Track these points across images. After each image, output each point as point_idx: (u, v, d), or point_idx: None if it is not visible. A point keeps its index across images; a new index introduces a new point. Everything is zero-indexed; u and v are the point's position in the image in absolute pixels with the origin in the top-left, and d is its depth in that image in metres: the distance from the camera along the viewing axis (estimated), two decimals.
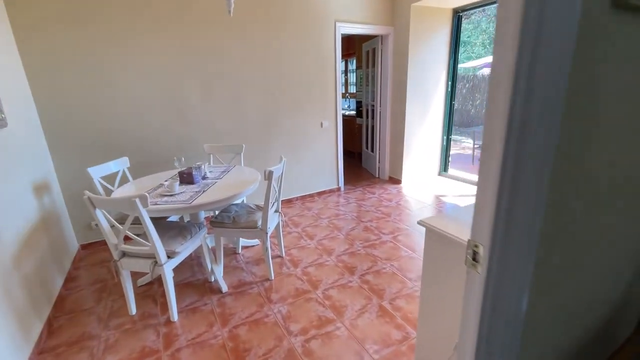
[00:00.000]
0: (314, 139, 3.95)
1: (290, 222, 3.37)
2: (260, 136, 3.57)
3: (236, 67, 3.25)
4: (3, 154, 1.88)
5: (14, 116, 2.09)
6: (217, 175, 2.50)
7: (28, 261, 1.91)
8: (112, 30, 2.66)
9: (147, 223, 1.70)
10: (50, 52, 2.50)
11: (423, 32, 4.05)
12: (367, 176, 5.00)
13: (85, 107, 2.70)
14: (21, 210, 1.97)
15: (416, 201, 3.85)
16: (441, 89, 4.47)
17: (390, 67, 4.30)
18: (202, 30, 3.01)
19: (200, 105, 3.17)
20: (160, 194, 2.08)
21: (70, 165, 2.73)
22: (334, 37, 3.76)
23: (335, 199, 4.04)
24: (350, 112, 6.57)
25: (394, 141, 4.55)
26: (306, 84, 3.71)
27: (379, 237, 2.95)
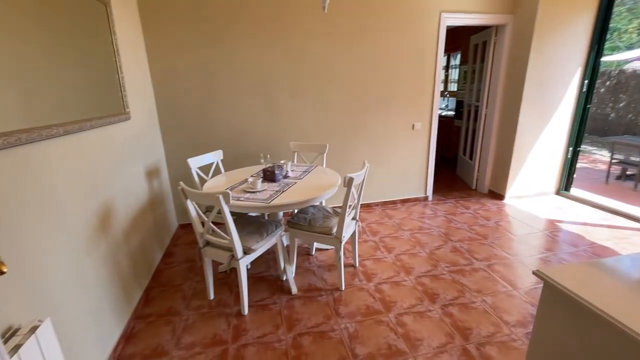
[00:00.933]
0: (402, 141, 3.64)
1: (367, 229, 3.18)
2: (345, 136, 3.45)
3: (325, 65, 3.19)
4: (126, 142, 2.19)
5: (138, 111, 2.42)
6: (298, 174, 2.48)
7: (135, 236, 2.20)
8: (216, 38, 2.87)
9: (227, 218, 1.75)
10: (168, 58, 2.83)
11: (555, 19, 3.30)
12: (462, 186, 4.43)
13: (192, 105, 3.00)
14: (135, 192, 2.28)
15: (522, 224, 3.20)
16: (573, 88, 3.60)
17: (504, 63, 3.66)
18: (295, 30, 3.02)
19: (289, 104, 3.21)
20: (244, 189, 2.15)
21: (177, 153, 3.08)
22: (437, 30, 3.36)
23: (421, 209, 3.67)
24: (448, 112, 5.94)
25: (500, 149, 3.89)
26: (399, 82, 3.42)
27: (469, 263, 2.53)
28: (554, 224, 3.17)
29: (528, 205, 3.67)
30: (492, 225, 3.19)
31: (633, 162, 4.83)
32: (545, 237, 2.91)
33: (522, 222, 3.24)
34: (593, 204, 3.60)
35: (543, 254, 2.63)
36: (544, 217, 3.34)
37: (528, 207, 3.62)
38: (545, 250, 2.69)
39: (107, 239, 1.78)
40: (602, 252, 2.63)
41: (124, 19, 2.30)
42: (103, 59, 1.91)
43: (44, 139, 1.28)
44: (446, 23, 3.36)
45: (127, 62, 2.29)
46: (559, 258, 2.55)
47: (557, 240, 2.84)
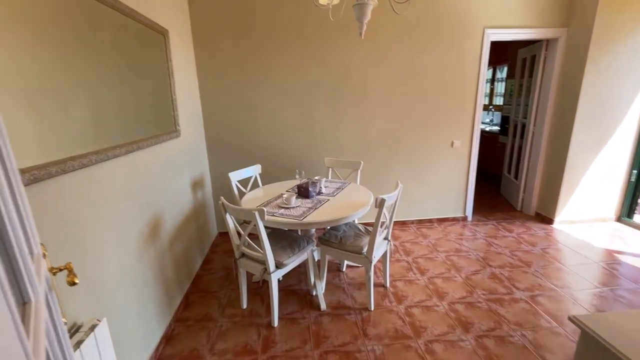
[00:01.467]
0: (440, 159, 3.55)
1: (400, 247, 3.12)
2: (381, 153, 3.45)
3: (365, 83, 3.23)
4: (176, 157, 2.40)
5: (186, 128, 2.65)
6: (332, 191, 2.53)
7: (180, 243, 2.39)
8: (258, 59, 3.06)
9: (262, 234, 1.85)
10: (215, 79, 3.07)
11: (615, 30, 3.05)
12: (505, 207, 4.18)
13: (234, 121, 3.21)
14: (181, 202, 2.48)
15: (574, 253, 2.94)
16: (637, 105, 3.27)
17: (555, 79, 3.44)
18: (334, 50, 3.11)
19: (326, 121, 3.30)
20: (278, 204, 2.24)
21: (219, 166, 3.30)
22: (480, 46, 3.27)
23: (459, 229, 3.53)
24: (493, 127, 5.66)
25: (549, 169, 3.63)
26: (438, 99, 3.36)
27: (509, 292, 2.38)
28: (613, 255, 2.87)
29: (581, 232, 3.37)
30: (538, 252, 2.97)
31: None
32: (601, 270, 2.64)
33: (573, 251, 2.98)
34: None
35: (597, 288, 2.40)
36: (600, 247, 3.04)
37: (581, 234, 3.31)
38: (599, 284, 2.44)
39: (155, 245, 1.96)
40: None
41: (178, 45, 2.55)
42: (159, 83, 2.14)
43: (109, 159, 1.48)
44: (490, 39, 3.26)
45: (180, 84, 2.53)
46: (615, 295, 2.31)
47: (614, 274, 2.57)
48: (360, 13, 1.80)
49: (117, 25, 1.61)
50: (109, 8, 1.52)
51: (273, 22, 3.01)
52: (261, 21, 2.99)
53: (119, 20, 1.63)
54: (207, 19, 2.94)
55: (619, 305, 2.19)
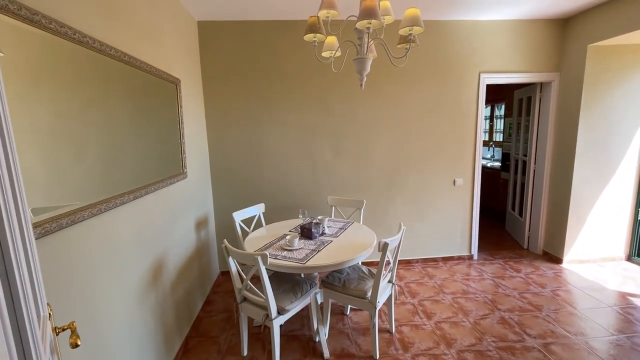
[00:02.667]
0: (443, 198, 3.56)
1: (406, 288, 3.05)
2: (383, 192, 3.48)
3: (368, 125, 3.35)
4: (182, 199, 2.45)
5: (194, 169, 2.73)
6: (335, 232, 2.53)
7: (181, 286, 2.36)
8: (263, 102, 3.21)
9: (264, 279, 1.83)
10: (223, 121, 3.21)
11: (606, 77, 3.18)
12: (511, 245, 4.11)
13: (239, 162, 3.30)
14: (185, 243, 2.48)
15: (586, 295, 2.85)
16: (636, 145, 3.33)
17: (552, 119, 3.54)
18: (337, 93, 3.26)
19: (330, 161, 3.38)
20: (281, 246, 2.24)
21: (224, 205, 3.33)
22: (477, 90, 3.41)
23: (465, 269, 3.45)
24: (494, 163, 5.72)
25: (554, 207, 3.61)
26: (439, 138, 3.45)
27: (520, 339, 2.28)
28: (627, 298, 2.78)
29: (592, 272, 3.28)
30: (548, 294, 2.88)
31: None
32: (616, 315, 2.54)
33: (584, 293, 2.88)
34: None
35: (613, 335, 2.29)
36: (612, 289, 2.94)
37: (592, 275, 3.23)
38: (616, 331, 2.34)
39: (156, 290, 1.95)
40: None
41: (188, 92, 2.69)
42: (170, 128, 2.24)
43: (117, 206, 1.52)
44: (486, 82, 3.40)
45: (189, 128, 2.64)
46: (633, 344, 2.20)
47: (630, 320, 2.47)
48: (360, 67, 1.91)
49: (132, 77, 1.73)
50: (125, 65, 1.64)
51: (279, 69, 3.18)
52: (268, 70, 3.18)
53: (134, 73, 1.75)
54: (217, 66, 3.12)
55: (637, 355, 2.08)
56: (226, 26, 3.08)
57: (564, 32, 3.38)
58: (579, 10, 3.14)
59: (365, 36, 1.82)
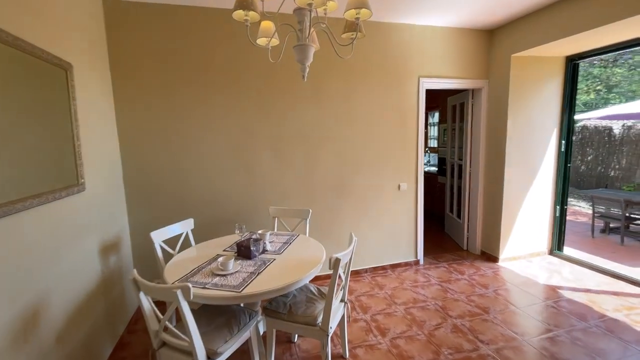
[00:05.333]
0: (389, 203, 3.48)
1: (357, 303, 2.84)
2: (329, 199, 3.26)
3: (310, 127, 3.11)
4: (77, 218, 1.88)
5: (96, 180, 2.16)
6: (278, 247, 2.20)
7: (76, 333, 1.79)
8: (191, 100, 2.78)
9: (186, 318, 1.42)
10: (140, 120, 2.67)
11: (527, 85, 3.44)
12: (452, 246, 4.22)
13: (164, 169, 2.78)
14: (82, 275, 1.91)
15: (523, 292, 2.95)
16: (552, 148, 3.66)
17: (483, 124, 3.72)
18: (276, 92, 2.97)
19: (269, 165, 3.05)
20: (212, 271, 1.83)
21: (143, 223, 2.76)
22: (417, 94, 3.42)
23: (413, 275, 3.39)
24: (431, 168, 5.97)
25: (489, 208, 3.78)
26: (382, 144, 3.37)
27: (475, 347, 2.20)
28: (556, 292, 2.94)
29: (524, 268, 3.47)
30: (491, 294, 2.93)
31: (614, 216, 4.84)
32: (550, 310, 2.65)
33: (521, 290, 2.99)
34: (590, 265, 3.44)
35: (552, 331, 2.36)
36: (543, 283, 3.12)
37: (524, 271, 3.41)
38: (554, 326, 2.41)
39: (31, 346, 1.39)
40: (616, 327, 2.38)
41: (88, 83, 2.14)
42: (57, 128, 1.70)
43: None
44: (425, 87, 3.44)
45: (89, 129, 2.08)
46: (571, 337, 2.28)
47: (563, 313, 2.59)
48: (301, 55, 1.66)
49: None
50: None
51: (208, 61, 2.78)
52: (195, 59, 2.75)
53: None
54: (130, 56, 2.60)
55: (578, 350, 2.14)
56: (142, 8, 2.59)
57: (491, 41, 3.59)
58: (502, 22, 3.35)
59: (307, 18, 1.56)
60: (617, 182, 8.36)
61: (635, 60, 9.07)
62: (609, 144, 8.61)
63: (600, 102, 9.58)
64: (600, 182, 8.54)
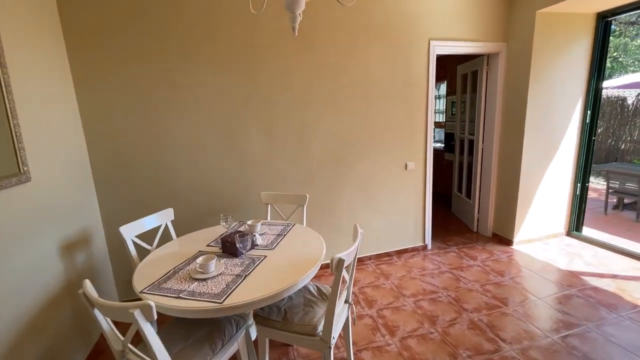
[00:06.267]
0: (395, 184, 3.15)
1: (361, 296, 2.57)
2: (329, 183, 2.92)
3: (303, 97, 2.71)
4: (24, 213, 1.55)
5: (49, 167, 1.81)
6: (270, 241, 1.89)
7: (29, 350, 1.50)
8: (169, 70, 2.37)
9: (150, 343, 1.12)
10: (107, 100, 2.28)
11: (552, 47, 3.01)
12: (461, 228, 3.94)
13: (138, 153, 2.42)
14: (36, 283, 1.61)
15: (543, 280, 2.69)
16: (576, 119, 3.28)
17: (499, 94, 3.32)
18: (266, 63, 2.56)
19: (261, 148, 2.68)
20: (190, 274, 1.53)
21: (118, 213, 2.44)
22: (427, 60, 3.00)
23: (421, 262, 3.11)
24: (436, 144, 5.59)
25: (503, 188, 3.46)
26: (387, 119, 2.99)
27: (497, 347, 1.95)
28: (580, 279, 2.68)
29: (541, 252, 3.19)
30: (509, 282, 2.66)
31: (630, 191, 4.54)
32: (576, 300, 2.39)
33: (541, 277, 2.73)
34: (612, 247, 3.16)
35: (581, 326, 2.10)
36: (564, 269, 2.85)
37: (542, 255, 3.13)
38: (583, 320, 2.15)
39: None
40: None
41: (25, 44, 1.74)
42: None
43: None
44: (436, 52, 3.01)
45: (32, 105, 1.70)
46: (605, 333, 2.02)
47: (593, 305, 2.32)
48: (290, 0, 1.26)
49: None
50: None
51: (184, 22, 2.35)
52: (170, 20, 2.32)
53: None
54: (88, 20, 2.16)
55: (613, 349, 1.89)
56: None
57: None
58: None
59: None
60: (627, 156, 8.02)
61: None
62: (621, 115, 8.19)
63: (617, 70, 9.05)
64: (610, 156, 8.19)
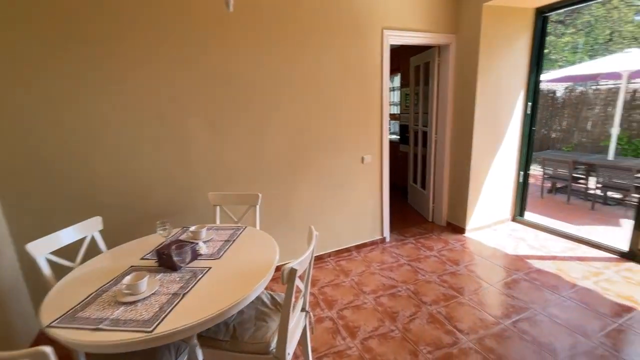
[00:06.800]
0: (352, 177, 3.07)
1: (320, 296, 2.47)
2: (284, 179, 2.75)
3: (251, 88, 2.50)
4: None
5: None
6: (217, 248, 1.68)
7: None
8: (92, 53, 2.01)
9: None
10: (10, 91, 1.87)
11: (498, 40, 3.11)
12: (417, 219, 4.01)
13: (58, 148, 2.04)
14: None
15: (494, 266, 2.80)
16: (518, 110, 3.45)
17: (451, 86, 3.37)
18: (209, 48, 2.30)
19: (206, 143, 2.43)
20: (115, 297, 1.28)
21: (34, 229, 2.05)
22: (380, 50, 2.93)
23: (380, 255, 3.09)
24: (391, 136, 5.66)
25: (455, 178, 3.56)
26: (343, 111, 2.88)
27: (455, 340, 1.95)
28: (525, 262, 2.83)
29: (490, 238, 3.35)
30: (463, 271, 2.73)
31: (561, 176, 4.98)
32: (524, 284, 2.50)
33: (492, 264, 2.84)
34: (551, 230, 3.41)
35: (530, 309, 2.20)
36: (511, 253, 3.00)
37: (491, 241, 3.28)
38: (531, 303, 2.26)
39: None
40: (589, 298, 2.29)
41: None
42: None
43: None
44: (389, 41, 2.95)
45: None
46: (549, 315, 2.13)
47: (537, 287, 2.45)
48: None
49: None
50: None
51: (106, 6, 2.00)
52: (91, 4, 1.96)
53: None
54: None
55: (558, 330, 1.99)
56: None
57: None
58: None
59: None
60: (557, 144, 8.87)
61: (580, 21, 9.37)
62: (552, 107, 9.01)
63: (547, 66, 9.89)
64: (543, 145, 9.00)
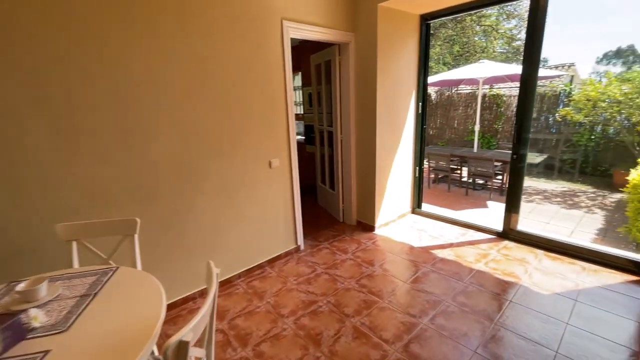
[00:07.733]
0: (260, 185, 2.72)
1: (231, 332, 2.06)
2: (174, 194, 2.21)
3: (127, 89, 1.90)
4: None
5: None
6: (65, 312, 1.12)
7: None
8: None
9: None
10: None
11: (394, 41, 3.21)
12: (328, 220, 3.92)
13: None
14: None
15: (405, 262, 2.88)
16: (412, 111, 3.68)
17: (352, 85, 3.36)
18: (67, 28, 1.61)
19: (47, 151, 1.72)
20: None
21: None
22: (281, 42, 2.66)
23: (296, 267, 2.85)
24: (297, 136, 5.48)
25: (362, 176, 3.58)
26: (245, 112, 2.51)
27: (383, 353, 1.84)
28: (430, 254, 3.00)
29: (397, 233, 3.48)
30: (379, 272, 2.71)
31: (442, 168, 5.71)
32: (433, 276, 2.62)
33: (403, 260, 2.92)
34: (442, 218, 3.76)
35: (442, 302, 2.28)
36: (417, 246, 3.16)
37: (399, 236, 3.41)
38: (443, 295, 2.35)
39: None
40: (483, 280, 2.52)
41: None
42: None
43: None
44: (289, 34, 2.71)
45: None
46: (459, 304, 2.24)
47: (445, 277, 2.59)
48: None
49: None
50: None
51: None
52: None
53: None
54: None
55: (468, 318, 2.10)
56: None
57: None
58: None
59: None
60: (434, 140, 10.30)
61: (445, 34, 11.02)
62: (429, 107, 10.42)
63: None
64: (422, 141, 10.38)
